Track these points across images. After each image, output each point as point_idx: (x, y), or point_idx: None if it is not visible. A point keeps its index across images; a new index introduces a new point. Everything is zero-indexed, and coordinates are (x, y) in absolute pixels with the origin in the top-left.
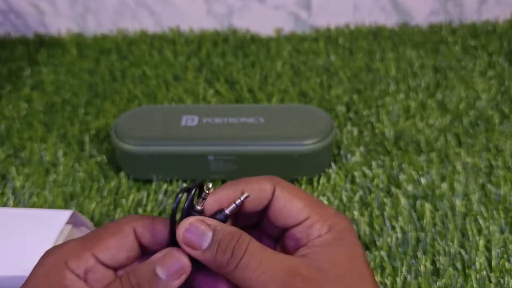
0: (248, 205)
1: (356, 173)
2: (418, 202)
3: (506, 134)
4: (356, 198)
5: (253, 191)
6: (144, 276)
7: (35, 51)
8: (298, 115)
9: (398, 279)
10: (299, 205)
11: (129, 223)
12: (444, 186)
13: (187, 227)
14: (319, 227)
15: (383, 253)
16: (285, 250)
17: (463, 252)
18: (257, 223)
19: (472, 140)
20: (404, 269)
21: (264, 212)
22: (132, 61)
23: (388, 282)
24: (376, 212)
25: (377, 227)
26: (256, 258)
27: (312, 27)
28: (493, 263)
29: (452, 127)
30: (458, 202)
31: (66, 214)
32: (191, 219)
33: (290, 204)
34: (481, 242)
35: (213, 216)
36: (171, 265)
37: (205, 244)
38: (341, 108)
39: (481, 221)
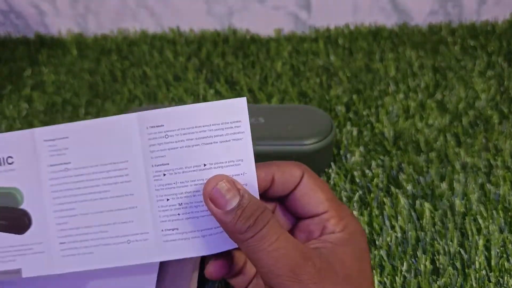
0: (276, 188)
1: (355, 173)
2: (417, 202)
3: (506, 134)
4: (356, 197)
5: (284, 175)
6: None
7: (35, 51)
8: (298, 115)
9: (397, 279)
10: (321, 196)
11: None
12: (444, 185)
13: (217, 183)
14: (334, 223)
15: (382, 252)
16: None
17: (462, 252)
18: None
19: (472, 140)
20: (403, 269)
21: (283, 199)
22: (132, 61)
23: (387, 281)
24: (376, 211)
25: (376, 227)
26: (275, 233)
27: (312, 28)
28: (493, 262)
29: (451, 127)
30: (457, 202)
31: None
32: (224, 177)
33: (313, 193)
34: (481, 242)
35: None
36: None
37: (230, 206)
38: (340, 108)
39: (480, 221)
